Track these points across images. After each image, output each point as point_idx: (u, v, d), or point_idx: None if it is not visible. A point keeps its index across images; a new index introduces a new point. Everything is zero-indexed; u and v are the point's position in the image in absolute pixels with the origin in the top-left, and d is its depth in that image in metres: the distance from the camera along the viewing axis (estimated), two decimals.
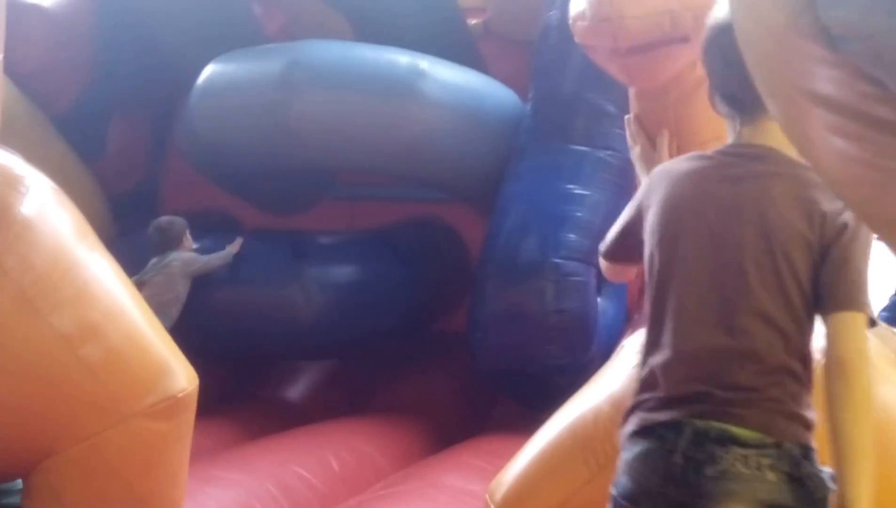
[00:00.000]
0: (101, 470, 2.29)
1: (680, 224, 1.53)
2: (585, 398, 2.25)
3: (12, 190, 2.29)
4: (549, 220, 4.30)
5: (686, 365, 1.53)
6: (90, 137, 4.70)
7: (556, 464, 2.18)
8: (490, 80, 4.75)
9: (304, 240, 4.51)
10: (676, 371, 1.54)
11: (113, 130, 4.89)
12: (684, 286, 1.53)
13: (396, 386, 4.65)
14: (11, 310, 2.20)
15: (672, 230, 1.55)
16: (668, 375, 1.54)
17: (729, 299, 1.49)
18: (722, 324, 1.49)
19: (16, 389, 2.20)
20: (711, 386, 1.49)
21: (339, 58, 4.28)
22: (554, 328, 4.12)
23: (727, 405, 1.47)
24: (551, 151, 4.51)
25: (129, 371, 2.32)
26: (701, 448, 1.45)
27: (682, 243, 1.53)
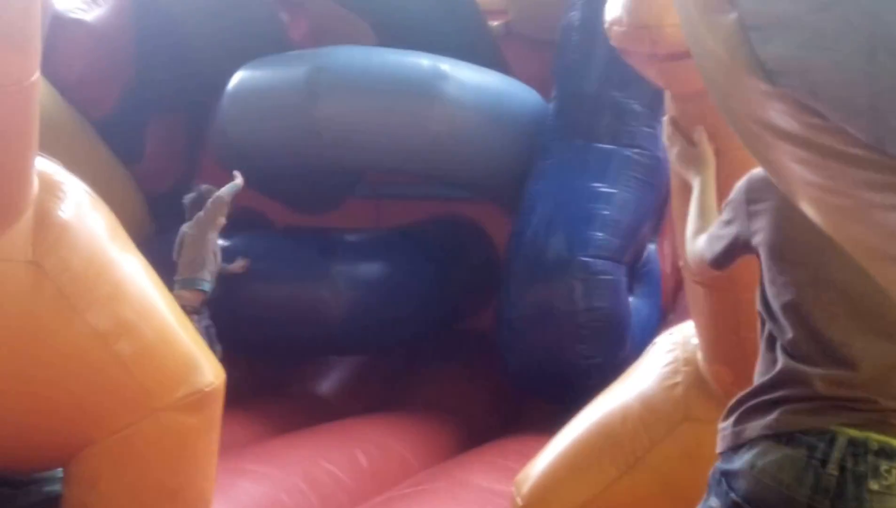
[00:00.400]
0: (133, 461, 2.40)
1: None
2: (615, 396, 2.23)
3: (51, 195, 2.40)
4: (575, 218, 4.31)
5: (844, 368, 1.40)
6: (129, 141, 4.89)
7: (584, 461, 2.16)
8: (512, 80, 4.79)
9: (332, 238, 4.60)
10: (834, 373, 1.40)
11: (150, 135, 5.07)
12: (830, 287, 1.43)
13: (426, 384, 4.70)
14: (51, 308, 2.31)
15: (806, 238, 1.44)
16: (822, 376, 1.40)
17: (881, 303, 1.38)
18: (882, 330, 1.40)
19: (55, 382, 2.31)
20: (875, 394, 1.38)
21: (363, 62, 4.36)
22: (584, 327, 4.14)
23: (891, 416, 1.37)
24: (576, 150, 4.53)
25: (159, 366, 2.42)
26: (862, 460, 1.35)
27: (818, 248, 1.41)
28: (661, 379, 2.13)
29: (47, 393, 2.30)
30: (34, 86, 2.23)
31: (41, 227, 2.34)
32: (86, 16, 4.49)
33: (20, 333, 2.27)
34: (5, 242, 2.29)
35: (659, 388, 2.12)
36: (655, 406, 2.10)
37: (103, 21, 4.56)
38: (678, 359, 2.15)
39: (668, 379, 2.12)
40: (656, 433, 2.08)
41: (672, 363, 2.15)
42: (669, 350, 2.20)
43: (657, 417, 2.09)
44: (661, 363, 2.18)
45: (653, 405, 2.11)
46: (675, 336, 2.25)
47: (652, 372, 2.18)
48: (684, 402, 2.08)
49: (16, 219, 2.32)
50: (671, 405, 2.09)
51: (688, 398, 2.08)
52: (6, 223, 2.31)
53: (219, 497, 2.69)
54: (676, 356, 2.16)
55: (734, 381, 2.01)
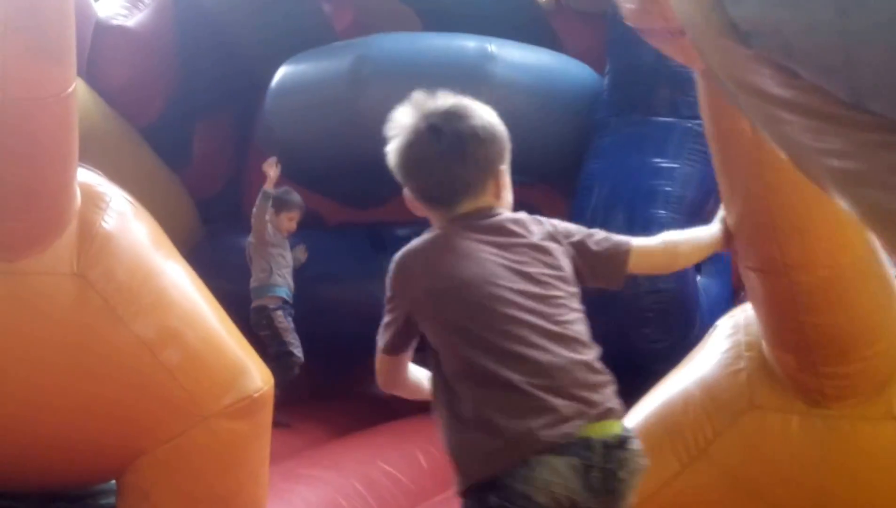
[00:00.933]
0: (184, 470, 2.39)
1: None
2: (675, 383, 2.15)
3: (94, 207, 2.42)
4: (636, 196, 4.17)
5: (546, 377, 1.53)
6: (176, 146, 4.90)
7: (645, 454, 2.10)
8: (563, 56, 4.63)
9: (382, 233, 4.54)
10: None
11: (197, 138, 5.08)
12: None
13: None
14: (97, 319, 2.32)
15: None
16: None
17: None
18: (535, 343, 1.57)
19: (103, 393, 2.32)
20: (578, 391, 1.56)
21: (407, 49, 4.27)
22: (650, 309, 4.00)
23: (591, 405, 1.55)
24: (634, 125, 4.36)
25: (207, 373, 2.41)
26: (610, 456, 1.51)
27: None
28: (724, 365, 2.05)
29: (96, 405, 2.31)
30: (72, 97, 2.25)
31: (85, 239, 2.37)
32: (127, 22, 4.51)
33: (68, 346, 2.29)
34: (50, 255, 2.32)
35: (721, 374, 2.04)
36: (718, 394, 2.02)
37: (145, 26, 4.57)
38: (740, 343, 2.07)
39: (731, 365, 2.04)
40: (719, 423, 1.99)
41: (734, 347, 2.07)
42: (731, 334, 2.11)
43: (720, 405, 2.01)
44: (723, 347, 2.09)
45: (715, 393, 2.02)
46: (736, 318, 2.16)
47: (713, 357, 2.09)
48: (748, 389, 1.99)
49: (61, 232, 2.35)
50: (734, 393, 2.00)
51: (752, 385, 1.99)
52: (52, 237, 2.34)
53: (275, 503, 2.68)
54: (738, 339, 2.08)
55: (799, 368, 1.92)
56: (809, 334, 1.84)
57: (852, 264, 1.81)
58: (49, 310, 2.29)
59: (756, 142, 1.66)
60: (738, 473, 1.99)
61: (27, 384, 2.27)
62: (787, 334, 1.90)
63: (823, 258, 1.79)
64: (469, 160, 1.72)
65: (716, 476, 2.00)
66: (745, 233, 1.83)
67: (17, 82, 2.10)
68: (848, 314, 1.86)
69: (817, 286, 1.80)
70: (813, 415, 1.92)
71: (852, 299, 1.85)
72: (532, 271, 1.62)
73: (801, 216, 1.75)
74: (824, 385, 1.90)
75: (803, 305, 1.81)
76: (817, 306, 1.82)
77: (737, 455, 1.98)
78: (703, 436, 2.00)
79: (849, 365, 1.88)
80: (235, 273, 4.30)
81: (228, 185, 5.17)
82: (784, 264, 1.78)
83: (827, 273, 1.79)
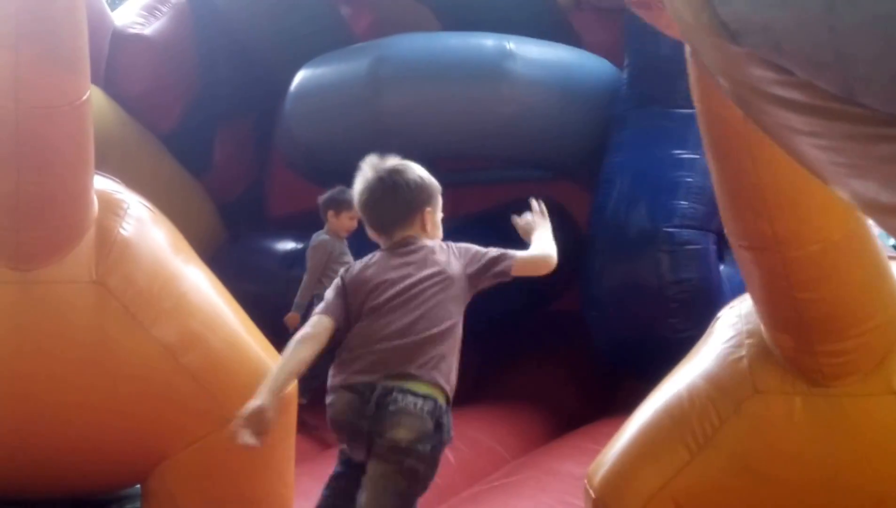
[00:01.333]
0: (210, 472, 2.40)
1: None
2: (681, 376, 2.17)
3: (112, 214, 2.43)
4: (657, 188, 4.15)
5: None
6: (197, 152, 4.94)
7: (654, 447, 2.12)
8: (581, 52, 4.61)
9: None
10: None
11: (218, 144, 5.11)
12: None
13: (512, 372, 4.62)
14: (117, 326, 2.33)
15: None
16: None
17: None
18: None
19: (126, 398, 2.33)
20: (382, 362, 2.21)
21: (425, 49, 4.28)
22: (674, 299, 3.99)
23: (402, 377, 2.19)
24: (654, 117, 4.34)
25: (229, 376, 2.42)
26: (388, 397, 2.13)
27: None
28: (726, 355, 2.08)
29: (120, 410, 2.33)
30: (86, 105, 2.26)
31: (103, 246, 2.38)
32: (145, 30, 4.54)
33: (90, 353, 2.30)
34: (69, 263, 2.33)
35: (724, 364, 2.06)
36: (722, 383, 2.04)
37: (163, 34, 4.60)
38: (741, 332, 2.09)
39: (733, 354, 2.07)
40: (724, 410, 2.01)
41: (735, 336, 2.10)
42: (732, 324, 2.15)
43: (724, 393, 2.03)
44: (724, 338, 2.13)
45: (719, 382, 2.04)
46: (736, 310, 2.19)
47: (716, 349, 2.12)
48: (750, 375, 2.01)
49: (78, 240, 2.36)
50: (737, 380, 2.03)
51: (753, 371, 2.01)
52: (70, 245, 2.34)
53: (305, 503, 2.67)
54: (739, 329, 2.11)
55: (795, 346, 1.92)
56: (804, 311, 1.85)
57: (843, 240, 1.81)
58: (70, 318, 2.30)
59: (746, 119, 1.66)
60: (745, 458, 2.00)
61: (51, 392, 2.29)
62: (782, 312, 1.91)
63: (814, 233, 1.79)
64: (400, 203, 2.35)
65: (724, 463, 2.01)
66: (737, 210, 1.84)
67: (32, 91, 2.12)
68: (840, 290, 1.86)
69: (809, 261, 1.80)
70: (814, 395, 1.93)
71: (844, 275, 1.85)
72: (417, 278, 2.24)
73: (792, 192, 1.75)
74: (822, 364, 1.91)
75: (796, 281, 1.81)
76: (810, 282, 1.82)
77: (743, 441, 2.00)
78: (709, 425, 2.02)
79: (844, 342, 1.88)
80: (258, 276, 4.32)
81: (250, 189, 5.20)
82: (775, 240, 1.78)
83: (818, 248, 1.79)
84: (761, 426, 1.98)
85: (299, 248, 4.39)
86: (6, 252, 2.29)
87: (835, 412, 1.92)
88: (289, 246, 4.49)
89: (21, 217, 2.24)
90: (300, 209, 4.91)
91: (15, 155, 2.17)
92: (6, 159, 2.18)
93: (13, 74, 2.10)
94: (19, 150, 2.16)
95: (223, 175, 5.06)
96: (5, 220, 2.25)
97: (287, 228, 4.87)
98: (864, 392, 1.90)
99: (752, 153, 1.70)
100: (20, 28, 2.07)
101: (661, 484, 2.04)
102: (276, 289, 4.19)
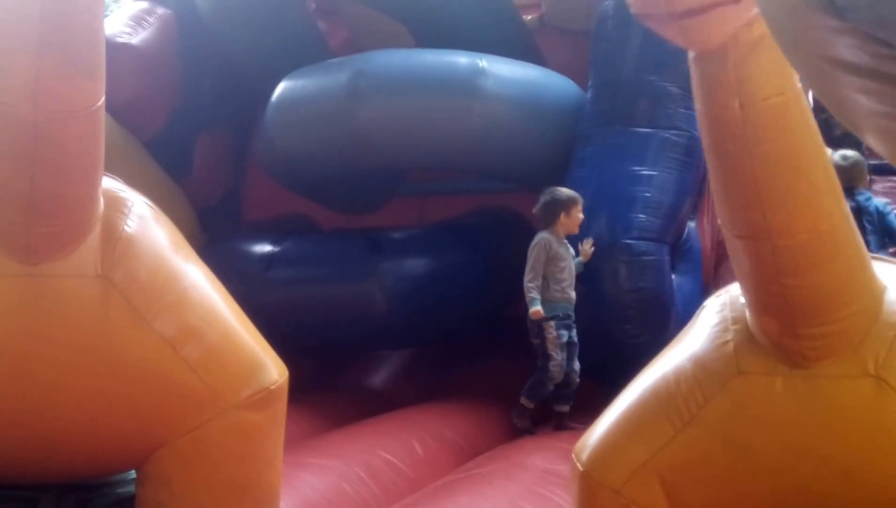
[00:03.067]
0: (205, 459, 2.50)
1: None
2: (668, 359, 2.27)
3: (117, 211, 2.51)
4: (617, 202, 4.37)
5: None
6: (178, 157, 5.05)
7: (641, 423, 2.21)
8: (549, 71, 4.85)
9: (378, 236, 4.71)
10: None
11: (198, 150, 5.22)
12: None
13: (475, 372, 4.79)
14: (121, 319, 2.42)
15: None
16: None
17: None
18: None
19: (126, 388, 2.42)
20: None
21: (401, 64, 4.46)
22: (630, 307, 4.21)
23: None
24: (615, 135, 4.57)
25: (226, 368, 2.52)
26: None
27: None
28: (712, 339, 2.19)
29: (120, 400, 2.40)
30: (101, 110, 2.34)
31: (108, 242, 2.44)
32: (132, 39, 4.64)
33: (93, 344, 2.37)
34: (76, 258, 2.39)
35: (710, 347, 2.17)
36: (708, 365, 2.15)
37: (149, 44, 4.71)
38: (727, 318, 2.21)
39: (719, 338, 2.18)
40: (709, 390, 2.12)
41: (721, 322, 2.21)
42: (718, 311, 2.25)
43: (709, 374, 2.14)
44: (711, 323, 2.23)
45: (705, 364, 2.15)
46: (722, 298, 2.30)
47: (702, 333, 2.23)
48: (735, 357, 2.13)
49: (86, 236, 2.42)
50: (723, 362, 2.14)
51: (738, 353, 2.13)
52: (78, 241, 2.41)
53: (284, 491, 2.79)
54: (725, 315, 2.22)
55: (780, 330, 2.06)
56: (790, 296, 1.99)
57: (829, 231, 1.96)
58: (74, 311, 2.38)
59: (744, 119, 1.84)
60: (728, 434, 2.11)
61: (54, 381, 2.37)
62: (769, 297, 2.04)
63: (803, 224, 1.94)
64: None
65: (707, 438, 2.12)
66: (732, 203, 1.99)
67: (51, 97, 2.19)
68: (825, 277, 2.00)
69: (798, 250, 1.95)
70: (795, 376, 2.06)
71: (829, 263, 1.99)
72: None
73: (785, 186, 1.90)
74: (804, 347, 2.04)
75: (784, 268, 1.96)
76: (797, 269, 1.97)
77: (726, 418, 2.11)
78: (694, 403, 2.12)
79: (826, 326, 2.03)
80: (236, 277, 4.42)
81: (227, 196, 5.31)
82: (767, 230, 1.93)
83: (806, 237, 1.94)
84: (744, 403, 2.10)
85: (276, 250, 4.53)
86: (17, 247, 2.35)
87: (813, 392, 2.05)
88: (266, 249, 4.61)
89: (33, 215, 2.31)
90: (275, 215, 5.05)
91: (32, 156, 2.24)
92: (23, 160, 2.25)
93: (34, 79, 2.16)
94: (36, 152, 2.23)
95: (202, 180, 5.17)
96: (18, 217, 2.32)
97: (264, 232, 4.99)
98: (841, 374, 2.04)
99: (748, 151, 1.87)
100: (42, 37, 2.14)
101: (646, 458, 2.15)
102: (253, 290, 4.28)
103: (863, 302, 2.06)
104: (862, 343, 2.05)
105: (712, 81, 1.85)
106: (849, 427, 2.04)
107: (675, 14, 1.69)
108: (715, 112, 1.88)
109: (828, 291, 2.02)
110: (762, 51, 1.77)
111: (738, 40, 1.77)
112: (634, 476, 2.16)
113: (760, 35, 1.74)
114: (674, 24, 1.73)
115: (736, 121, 1.84)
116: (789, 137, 1.89)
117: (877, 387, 2.01)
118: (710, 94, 1.87)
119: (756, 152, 1.86)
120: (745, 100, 1.84)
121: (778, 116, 1.85)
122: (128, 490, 2.66)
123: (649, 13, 1.76)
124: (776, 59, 1.75)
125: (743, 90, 1.82)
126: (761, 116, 1.84)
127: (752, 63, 1.79)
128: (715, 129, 1.92)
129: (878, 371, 2.02)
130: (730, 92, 1.83)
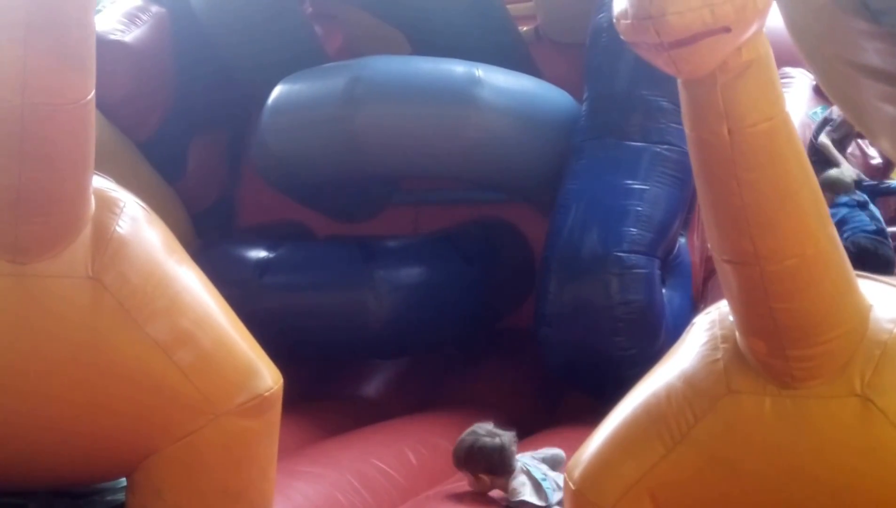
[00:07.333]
0: (197, 466, 2.46)
1: None
2: (658, 377, 2.29)
3: (108, 212, 2.46)
4: (609, 215, 4.36)
5: None
6: (172, 159, 5.00)
7: (632, 442, 2.22)
8: (544, 83, 4.85)
9: (372, 245, 4.69)
10: None
11: (192, 153, 5.18)
12: None
13: (467, 382, 4.77)
14: (112, 322, 2.37)
15: None
16: None
17: None
18: None
19: (118, 393, 2.37)
20: None
21: (398, 71, 4.45)
22: (620, 319, 4.20)
23: None
24: (608, 149, 4.57)
25: (219, 373, 2.48)
26: None
27: None
28: (702, 357, 2.20)
29: (111, 405, 2.36)
30: (90, 104, 2.27)
31: (99, 243, 2.39)
32: (125, 37, 4.59)
33: (83, 347, 2.33)
34: (65, 258, 2.34)
35: (700, 365, 2.19)
36: (698, 383, 2.16)
37: (143, 42, 4.66)
38: (716, 336, 2.22)
39: (709, 356, 2.19)
40: (700, 409, 2.14)
41: (711, 340, 2.23)
42: (707, 329, 2.27)
43: (699, 392, 2.15)
44: (701, 341, 2.25)
45: (695, 382, 2.17)
46: (712, 315, 2.32)
47: (692, 351, 2.24)
48: (725, 376, 2.14)
49: (76, 236, 2.37)
50: (713, 380, 2.15)
51: (728, 372, 2.14)
52: (67, 240, 2.35)
53: (276, 499, 2.75)
54: (714, 333, 2.24)
55: (768, 351, 2.08)
56: (778, 319, 2.01)
57: (816, 255, 1.99)
58: (64, 312, 2.33)
59: (732, 145, 1.85)
60: (717, 453, 2.14)
61: (42, 384, 2.32)
62: (758, 320, 2.06)
63: (791, 249, 1.96)
64: None
65: (697, 457, 2.15)
66: (722, 228, 2.01)
67: (38, 89, 2.13)
68: (812, 300, 2.03)
69: (786, 275, 1.97)
70: (783, 396, 2.09)
71: (816, 287, 2.02)
72: None
73: (772, 212, 1.92)
74: (793, 368, 2.07)
75: (773, 292, 1.98)
76: (785, 293, 1.99)
77: (716, 437, 2.13)
78: (685, 421, 2.15)
79: (814, 348, 2.05)
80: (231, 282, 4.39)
81: (221, 200, 5.27)
82: (756, 256, 1.95)
83: (794, 262, 1.97)
84: (733, 423, 2.12)
85: (271, 257, 4.50)
86: (4, 245, 2.29)
87: (801, 412, 2.08)
88: (261, 255, 4.58)
89: (21, 211, 2.25)
90: (270, 221, 5.02)
91: (18, 150, 2.17)
92: (9, 154, 2.18)
93: (21, 69, 2.09)
94: (23, 145, 2.16)
95: (196, 183, 5.13)
96: (5, 213, 2.26)
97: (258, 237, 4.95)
98: (829, 394, 2.07)
99: (737, 177, 1.88)
100: (30, 21, 2.06)
101: (638, 477, 2.17)
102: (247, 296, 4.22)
103: (850, 323, 2.07)
104: (849, 363, 2.06)
105: (701, 107, 1.87)
106: (836, 448, 2.06)
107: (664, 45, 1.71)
108: (703, 137, 1.89)
109: (815, 313, 2.03)
110: (750, 77, 1.78)
111: (726, 66, 1.78)
112: (626, 495, 2.18)
113: (749, 60, 1.75)
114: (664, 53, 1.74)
115: (724, 147, 1.85)
116: (777, 164, 1.89)
117: (863, 407, 2.03)
118: (698, 119, 1.88)
119: (744, 178, 1.87)
120: (733, 126, 1.85)
121: (766, 142, 1.86)
122: (118, 498, 2.62)
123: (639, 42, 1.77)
124: (764, 85, 1.82)
125: (731, 116, 1.83)
126: (749, 142, 1.84)
127: (740, 89, 1.80)
128: (703, 154, 1.93)
129: (865, 391, 2.04)
130: (718, 118, 1.84)
